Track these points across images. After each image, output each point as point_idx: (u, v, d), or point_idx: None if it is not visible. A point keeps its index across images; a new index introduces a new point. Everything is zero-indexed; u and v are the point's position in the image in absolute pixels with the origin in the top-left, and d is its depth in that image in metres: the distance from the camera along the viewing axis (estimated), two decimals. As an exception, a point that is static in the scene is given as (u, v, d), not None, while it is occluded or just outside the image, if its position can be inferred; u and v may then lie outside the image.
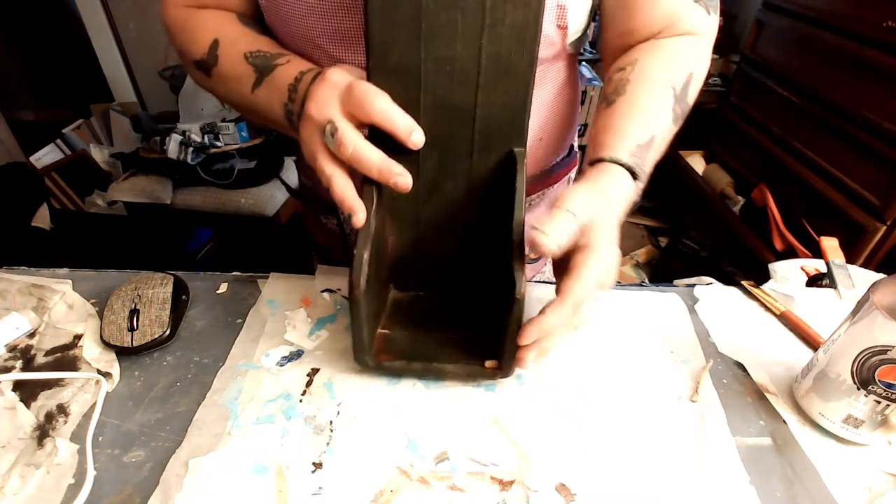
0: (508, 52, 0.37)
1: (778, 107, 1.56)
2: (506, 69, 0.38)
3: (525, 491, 0.35)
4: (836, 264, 0.56)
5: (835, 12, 1.36)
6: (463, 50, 0.37)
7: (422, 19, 0.36)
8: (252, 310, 0.50)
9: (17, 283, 0.52)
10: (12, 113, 2.16)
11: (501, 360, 0.41)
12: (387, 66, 0.38)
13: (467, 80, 0.39)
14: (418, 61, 0.38)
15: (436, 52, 0.38)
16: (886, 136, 1.20)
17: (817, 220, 1.41)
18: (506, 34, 0.37)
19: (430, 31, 0.37)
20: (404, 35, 0.37)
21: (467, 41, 0.37)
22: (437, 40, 0.37)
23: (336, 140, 0.36)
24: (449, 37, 0.37)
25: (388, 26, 0.37)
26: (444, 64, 0.38)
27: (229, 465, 0.36)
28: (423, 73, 0.38)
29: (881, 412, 0.37)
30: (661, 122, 0.44)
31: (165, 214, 1.73)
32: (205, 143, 1.69)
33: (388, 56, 0.38)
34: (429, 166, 0.42)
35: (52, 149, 1.92)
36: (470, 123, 0.40)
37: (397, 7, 0.36)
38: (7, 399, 0.41)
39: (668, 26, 0.48)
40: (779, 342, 0.49)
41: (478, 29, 0.37)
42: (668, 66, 0.47)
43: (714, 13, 0.49)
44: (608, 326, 0.49)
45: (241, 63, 0.46)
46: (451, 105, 0.40)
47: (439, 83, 0.39)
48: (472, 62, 0.38)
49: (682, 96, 0.46)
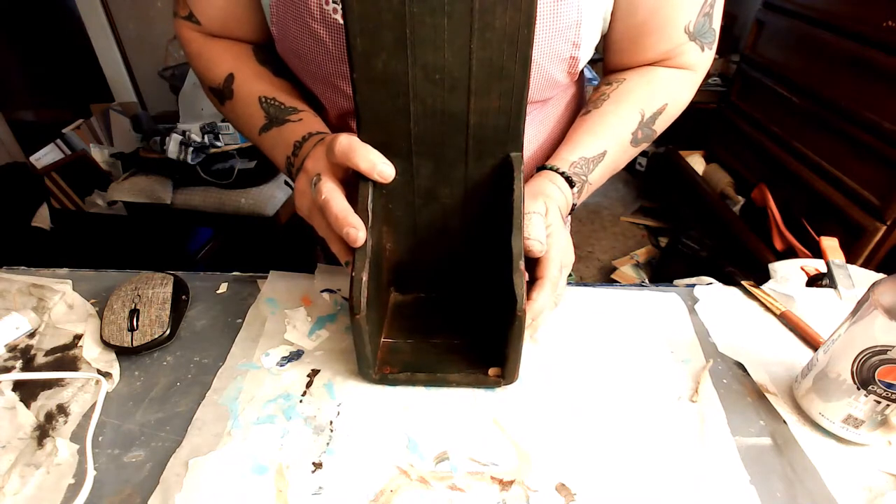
0: (500, 57, 0.36)
1: (778, 107, 1.56)
2: (498, 74, 0.37)
3: (525, 491, 0.35)
4: (836, 264, 0.56)
5: (835, 12, 1.36)
6: (452, 56, 0.36)
7: (406, 25, 0.35)
8: (251, 308, 0.50)
9: (17, 283, 0.52)
10: (12, 113, 2.16)
11: (504, 369, 0.41)
12: (372, 75, 0.37)
13: (458, 86, 0.38)
14: (405, 69, 0.37)
15: (423, 59, 0.36)
16: (886, 136, 1.20)
17: (817, 220, 1.41)
18: (496, 38, 0.36)
19: (416, 37, 0.36)
20: (389, 42, 0.36)
21: (456, 47, 0.36)
22: (424, 47, 0.36)
23: (315, 189, 0.39)
24: (436, 43, 0.36)
25: (371, 32, 0.35)
26: (432, 71, 0.37)
27: (229, 465, 0.36)
28: (411, 81, 0.37)
29: (881, 412, 0.37)
30: (618, 141, 0.50)
31: (165, 214, 1.73)
32: (205, 143, 1.69)
33: (372, 64, 0.37)
34: (423, 174, 0.42)
35: (52, 149, 1.92)
36: (463, 130, 0.40)
37: (379, 12, 0.35)
38: (7, 399, 0.41)
39: (665, 59, 0.52)
40: (779, 342, 0.49)
41: (466, 34, 0.35)
42: (648, 93, 0.52)
43: (709, 49, 0.52)
44: (608, 326, 0.49)
45: (254, 104, 0.50)
46: (442, 112, 0.39)
47: (429, 91, 0.38)
48: (463, 68, 0.37)
49: (648, 122, 0.51)
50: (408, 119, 0.39)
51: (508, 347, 0.39)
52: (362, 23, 0.35)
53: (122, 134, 2.02)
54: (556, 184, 0.46)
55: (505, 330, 0.39)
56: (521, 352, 0.40)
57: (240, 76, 0.51)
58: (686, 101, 0.55)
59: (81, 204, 1.90)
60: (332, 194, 0.38)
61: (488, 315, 0.47)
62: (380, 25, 0.35)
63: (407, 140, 0.40)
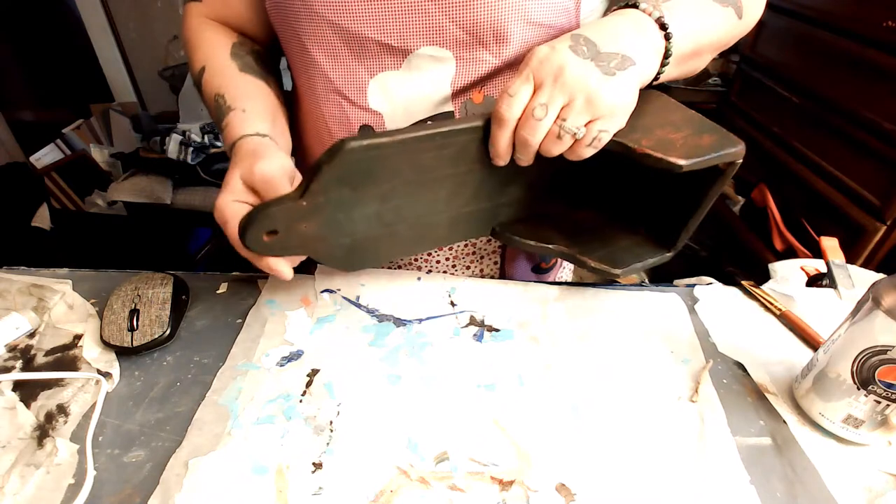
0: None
1: (778, 107, 1.56)
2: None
3: (525, 491, 0.35)
4: (836, 264, 0.56)
5: (835, 12, 1.36)
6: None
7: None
8: (252, 310, 0.50)
9: (17, 283, 0.52)
10: (12, 113, 2.16)
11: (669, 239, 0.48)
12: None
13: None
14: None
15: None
16: (886, 136, 1.19)
17: (817, 220, 1.40)
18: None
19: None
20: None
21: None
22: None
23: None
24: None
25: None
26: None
27: (229, 465, 0.36)
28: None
29: (881, 412, 0.37)
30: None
31: (165, 214, 1.73)
32: (205, 142, 1.69)
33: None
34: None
35: (52, 149, 1.92)
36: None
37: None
38: (7, 399, 0.41)
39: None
40: (779, 342, 0.49)
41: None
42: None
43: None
44: (608, 326, 0.49)
45: (211, 101, 0.50)
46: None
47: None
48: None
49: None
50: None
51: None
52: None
53: (122, 134, 2.02)
54: (621, 12, 0.40)
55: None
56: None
57: (209, 70, 0.51)
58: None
59: (81, 204, 1.90)
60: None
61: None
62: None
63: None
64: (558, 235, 0.50)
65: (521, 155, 0.40)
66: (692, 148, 0.38)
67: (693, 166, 0.37)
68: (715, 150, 0.38)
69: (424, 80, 0.48)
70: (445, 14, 0.44)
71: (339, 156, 0.37)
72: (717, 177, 0.41)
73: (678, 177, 0.39)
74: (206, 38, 0.53)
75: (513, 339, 0.48)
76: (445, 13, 0.44)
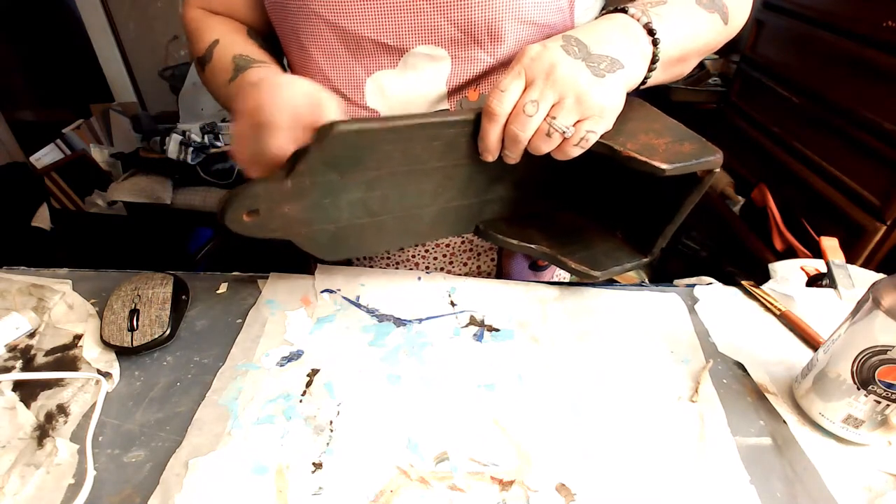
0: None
1: (778, 107, 1.56)
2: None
3: (525, 491, 0.35)
4: (836, 264, 0.56)
5: (834, 12, 1.36)
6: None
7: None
8: (252, 310, 0.50)
9: (17, 283, 0.52)
10: (12, 113, 2.16)
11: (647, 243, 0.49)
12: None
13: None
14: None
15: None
16: (886, 136, 1.19)
17: (817, 220, 1.40)
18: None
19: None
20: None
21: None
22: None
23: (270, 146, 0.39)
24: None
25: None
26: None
27: (229, 465, 0.36)
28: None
29: (881, 412, 0.37)
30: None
31: (165, 214, 1.73)
32: (205, 143, 1.69)
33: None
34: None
35: (52, 149, 1.92)
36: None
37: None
38: (7, 399, 0.41)
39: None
40: (779, 342, 0.49)
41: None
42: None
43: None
44: (608, 326, 0.49)
45: (228, 61, 0.48)
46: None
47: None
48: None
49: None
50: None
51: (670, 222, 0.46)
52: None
53: (122, 134, 2.02)
54: (608, 16, 0.41)
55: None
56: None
57: (223, 42, 0.50)
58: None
59: (81, 204, 1.90)
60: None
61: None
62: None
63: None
64: (541, 236, 0.50)
65: (510, 151, 0.40)
66: (674, 154, 0.39)
67: (675, 171, 0.38)
68: (696, 156, 0.39)
69: (421, 79, 0.48)
70: (440, 13, 0.44)
71: (329, 138, 0.37)
72: (695, 185, 0.42)
73: (657, 183, 0.40)
74: (218, 20, 0.53)
75: (513, 339, 0.48)
76: (440, 12, 0.44)
